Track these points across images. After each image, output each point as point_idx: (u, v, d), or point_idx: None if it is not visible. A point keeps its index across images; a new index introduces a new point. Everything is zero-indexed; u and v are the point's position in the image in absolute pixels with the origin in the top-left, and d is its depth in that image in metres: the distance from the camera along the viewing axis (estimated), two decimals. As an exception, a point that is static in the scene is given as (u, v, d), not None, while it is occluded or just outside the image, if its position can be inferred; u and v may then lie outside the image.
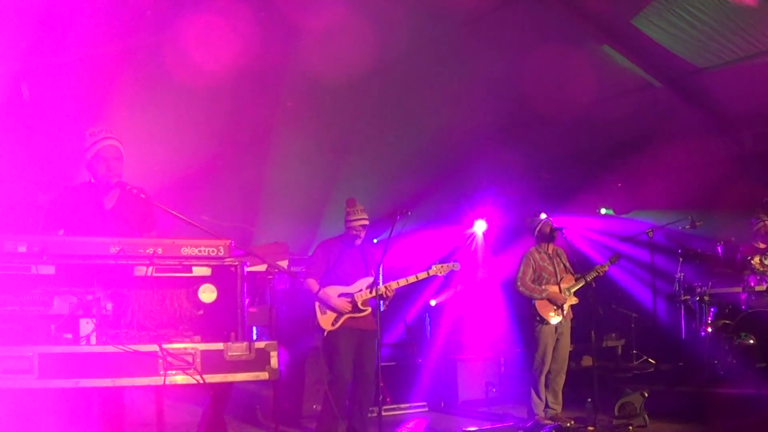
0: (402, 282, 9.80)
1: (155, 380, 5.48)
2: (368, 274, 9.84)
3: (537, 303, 11.09)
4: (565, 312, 11.17)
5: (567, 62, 12.48)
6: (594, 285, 11.19)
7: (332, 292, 9.66)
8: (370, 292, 9.62)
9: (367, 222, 9.86)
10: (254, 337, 10.14)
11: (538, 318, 11.09)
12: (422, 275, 9.95)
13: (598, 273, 11.29)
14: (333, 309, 9.62)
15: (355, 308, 9.65)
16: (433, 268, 10.00)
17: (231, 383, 6.02)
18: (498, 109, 13.64)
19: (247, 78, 11.52)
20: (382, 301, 9.62)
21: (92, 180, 6.97)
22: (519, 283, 11.19)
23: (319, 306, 9.66)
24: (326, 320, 9.62)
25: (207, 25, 10.22)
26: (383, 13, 10.74)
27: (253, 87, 11.84)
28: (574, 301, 11.25)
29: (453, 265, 10.14)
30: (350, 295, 9.67)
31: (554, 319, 11.08)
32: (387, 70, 12.03)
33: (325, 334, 9.61)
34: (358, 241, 9.92)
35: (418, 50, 11.84)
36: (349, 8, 10.56)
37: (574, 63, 12.54)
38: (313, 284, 9.69)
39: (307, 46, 11.26)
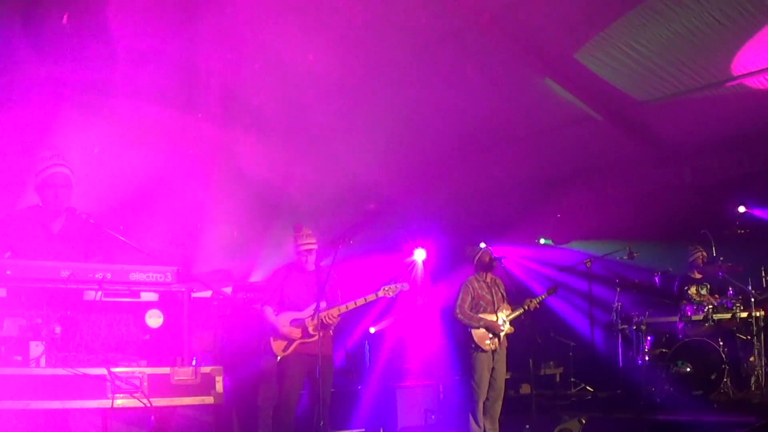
0: (350, 305, 9.82)
1: (103, 403, 5.55)
2: (321, 299, 9.87)
3: (473, 330, 11.17)
4: (500, 341, 11.27)
5: (509, 94, 12.64)
6: (533, 314, 11.33)
7: (284, 319, 9.68)
8: (312, 320, 9.67)
9: (314, 246, 9.90)
10: (194, 362, 10.16)
11: (473, 345, 11.16)
12: (371, 297, 9.96)
13: (535, 304, 11.42)
14: (282, 337, 9.69)
15: (305, 333, 9.68)
16: (383, 289, 10.01)
17: (175, 407, 6.08)
18: (439, 139, 13.76)
19: (191, 100, 11.54)
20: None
21: (40, 204, 6.97)
22: (458, 311, 11.25)
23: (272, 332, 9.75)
24: (278, 346, 9.66)
25: (145, 48, 10.22)
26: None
27: (197, 109, 11.84)
28: (510, 330, 11.35)
29: (403, 286, 10.17)
30: (302, 321, 9.71)
31: (489, 346, 11.17)
32: (323, 100, 12.11)
33: (278, 359, 9.69)
34: (311, 267, 9.96)
35: (354, 77, 11.90)
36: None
37: (516, 95, 12.71)
38: (269, 313, 9.74)
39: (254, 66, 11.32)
